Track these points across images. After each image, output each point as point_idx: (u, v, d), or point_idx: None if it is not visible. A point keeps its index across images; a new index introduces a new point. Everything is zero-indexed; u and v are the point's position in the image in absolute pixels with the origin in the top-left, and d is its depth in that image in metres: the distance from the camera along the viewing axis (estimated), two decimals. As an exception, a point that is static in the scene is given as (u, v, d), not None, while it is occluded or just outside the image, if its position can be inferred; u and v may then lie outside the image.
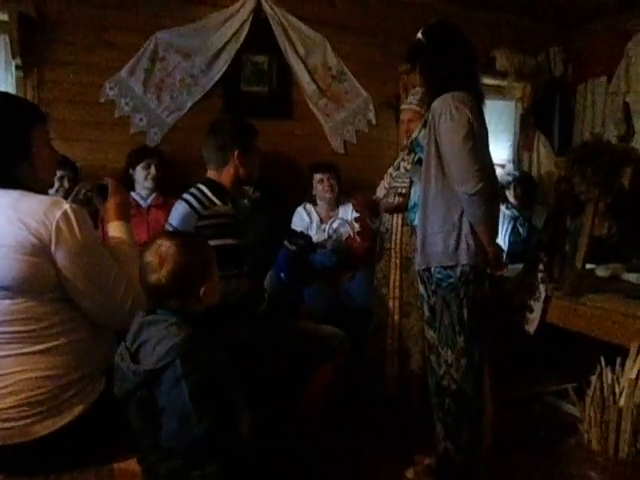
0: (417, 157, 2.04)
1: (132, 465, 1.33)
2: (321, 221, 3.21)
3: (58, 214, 1.27)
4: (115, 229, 1.53)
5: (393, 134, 3.62)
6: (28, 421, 1.26)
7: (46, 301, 1.29)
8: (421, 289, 2.07)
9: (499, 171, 3.74)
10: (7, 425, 1.25)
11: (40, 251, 1.25)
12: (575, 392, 1.80)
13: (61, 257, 1.27)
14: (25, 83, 2.85)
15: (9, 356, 1.27)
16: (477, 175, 1.78)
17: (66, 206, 1.30)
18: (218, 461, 1.21)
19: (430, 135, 1.91)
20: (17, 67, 2.81)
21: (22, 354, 1.28)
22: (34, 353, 1.28)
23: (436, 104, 1.87)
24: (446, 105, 1.82)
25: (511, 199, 3.60)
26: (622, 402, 1.55)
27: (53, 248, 1.26)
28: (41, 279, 1.27)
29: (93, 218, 1.69)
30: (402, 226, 2.62)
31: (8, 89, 2.77)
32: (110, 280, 1.37)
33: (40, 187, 1.40)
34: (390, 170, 2.82)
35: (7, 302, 1.26)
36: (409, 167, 2.55)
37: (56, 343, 1.30)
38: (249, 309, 1.91)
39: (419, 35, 1.97)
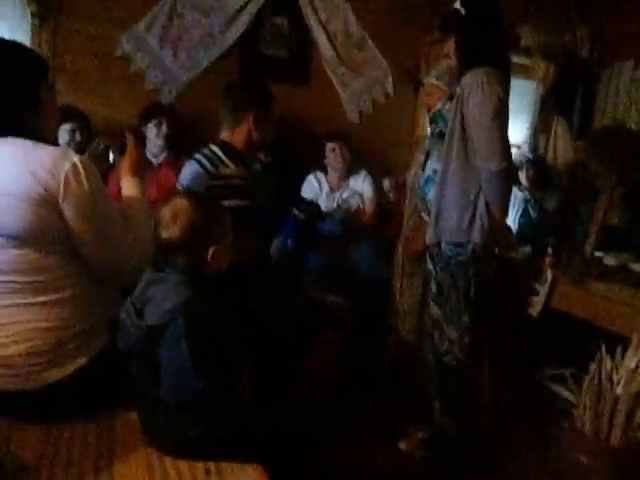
0: (437, 130, 2.00)
1: (132, 418, 1.35)
2: (331, 190, 3.19)
3: (67, 166, 1.26)
4: (128, 185, 1.53)
5: (410, 106, 3.55)
6: (30, 369, 1.28)
7: (52, 253, 1.29)
8: (429, 265, 2.07)
9: (513, 151, 3.69)
10: (10, 372, 1.27)
11: (48, 202, 1.25)
12: (573, 378, 1.81)
13: (69, 209, 1.27)
14: (40, 32, 2.81)
15: (13, 305, 1.28)
16: (503, 153, 1.76)
17: (75, 158, 1.28)
18: (216, 421, 1.23)
19: (457, 109, 1.87)
20: (33, 15, 2.76)
21: (25, 304, 1.28)
22: (38, 304, 1.29)
23: (467, 78, 1.84)
24: (478, 80, 1.79)
25: (523, 181, 3.56)
26: (619, 390, 1.56)
27: (61, 200, 1.26)
28: (48, 230, 1.27)
29: (104, 174, 1.69)
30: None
31: (23, 37, 2.73)
32: (117, 234, 1.37)
33: (48, 137, 1.40)
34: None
35: (14, 251, 1.26)
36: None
37: (60, 295, 1.31)
38: (254, 273, 1.91)
39: (457, 5, 1.91)
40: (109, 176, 2.34)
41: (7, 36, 1.43)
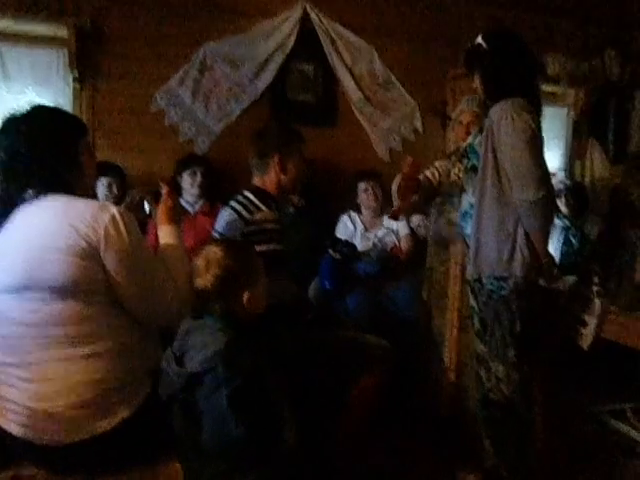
0: (470, 164, 1.99)
1: (175, 468, 1.33)
2: (366, 229, 3.18)
3: (106, 218, 1.30)
4: (165, 232, 1.56)
5: (440, 141, 3.56)
6: (74, 422, 1.28)
7: (94, 304, 1.31)
8: (471, 301, 2.02)
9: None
10: (53, 425, 1.27)
11: (90, 254, 1.27)
12: (634, 413, 1.71)
13: (110, 260, 1.29)
14: (81, 94, 2.96)
15: (57, 359, 1.29)
16: (538, 181, 1.73)
17: (114, 210, 1.32)
18: (260, 468, 1.21)
19: (487, 142, 1.86)
20: (74, 79, 2.93)
21: (70, 357, 1.29)
22: (82, 356, 1.29)
23: (495, 110, 1.82)
24: (506, 111, 1.78)
25: (562, 208, 3.48)
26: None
27: (102, 252, 1.28)
28: (90, 282, 1.29)
29: (142, 224, 1.73)
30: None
31: (65, 100, 2.89)
32: (157, 283, 1.38)
33: (87, 192, 1.48)
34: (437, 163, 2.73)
35: (57, 304, 1.28)
36: (461, 174, 2.49)
37: (104, 347, 1.32)
38: (294, 315, 1.90)
39: (479, 40, 1.93)
40: (147, 226, 2.40)
41: (51, 99, 1.56)
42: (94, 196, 2.66)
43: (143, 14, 3.02)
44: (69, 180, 1.40)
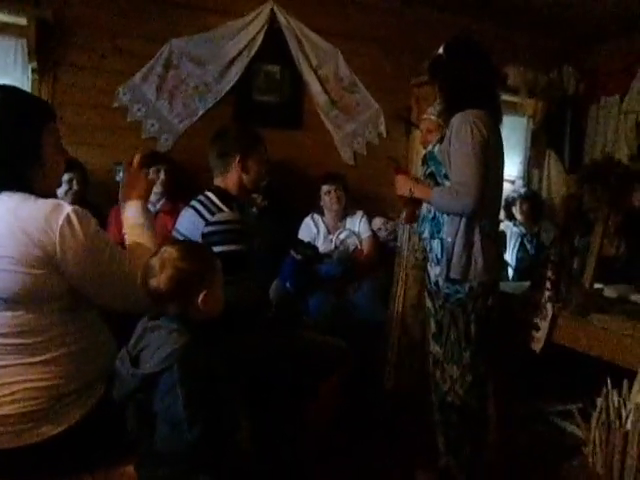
0: (429, 170, 2.03)
1: (129, 471, 1.32)
2: (328, 232, 3.20)
3: (60, 220, 1.22)
4: (128, 211, 1.51)
5: (403, 146, 3.62)
6: (24, 427, 1.24)
7: (48, 312, 1.26)
8: (428, 303, 2.06)
9: (508, 187, 3.73)
10: (5, 429, 1.23)
11: (44, 262, 1.21)
12: (580, 413, 1.77)
13: (69, 264, 1.24)
14: (40, 86, 2.88)
15: (9, 366, 1.24)
16: (474, 196, 1.78)
17: (68, 209, 1.24)
18: (213, 470, 1.20)
19: (446, 150, 1.90)
20: (33, 70, 2.85)
21: (22, 364, 1.25)
22: (34, 364, 1.25)
23: (455, 120, 1.86)
24: (464, 122, 1.82)
25: (517, 216, 3.58)
26: (628, 426, 1.52)
27: (59, 255, 1.22)
28: (44, 290, 1.24)
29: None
30: (408, 241, 2.64)
31: (23, 91, 2.80)
32: (123, 273, 1.34)
33: (48, 189, 1.36)
34: None
35: (7, 314, 1.23)
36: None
37: (57, 353, 1.28)
38: (255, 316, 1.90)
39: (440, 50, 1.97)
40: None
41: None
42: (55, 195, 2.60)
43: (107, 7, 2.96)
44: (27, 174, 1.28)
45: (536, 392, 2.61)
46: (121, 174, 1.61)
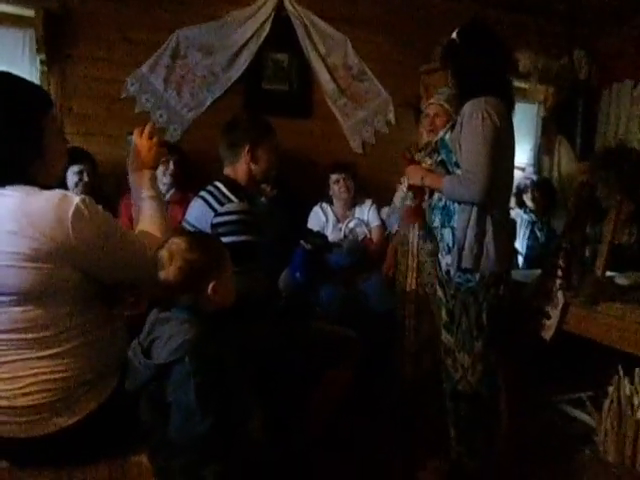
0: (440, 158, 2.01)
1: (144, 460, 1.33)
2: (337, 221, 3.20)
3: (70, 212, 1.20)
4: (137, 181, 1.50)
5: (412, 135, 3.58)
6: (38, 417, 1.25)
7: (58, 306, 1.25)
8: (439, 293, 2.06)
9: (518, 174, 3.70)
10: (19, 419, 1.24)
11: (55, 256, 1.20)
12: (591, 401, 1.77)
13: (86, 252, 1.24)
14: (48, 77, 2.89)
15: (20, 360, 1.24)
16: (484, 185, 1.76)
17: (75, 200, 1.22)
18: (226, 459, 1.22)
19: (457, 138, 1.89)
20: (41, 62, 2.85)
21: (33, 358, 1.25)
22: (46, 357, 1.25)
23: (467, 107, 1.84)
24: (478, 109, 1.79)
25: (529, 203, 3.55)
26: (640, 414, 1.52)
27: (76, 246, 1.21)
28: (54, 285, 1.23)
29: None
30: (419, 229, 2.62)
31: (32, 83, 2.81)
32: (137, 256, 1.34)
33: (51, 179, 1.34)
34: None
35: (17, 309, 1.22)
36: (432, 168, 2.53)
37: (69, 346, 1.28)
38: (265, 307, 1.91)
39: (453, 35, 1.94)
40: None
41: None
42: (60, 185, 2.60)
43: (113, -3, 2.95)
44: (29, 166, 1.26)
45: (547, 380, 2.60)
46: (133, 142, 1.58)
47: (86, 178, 2.71)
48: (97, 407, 1.31)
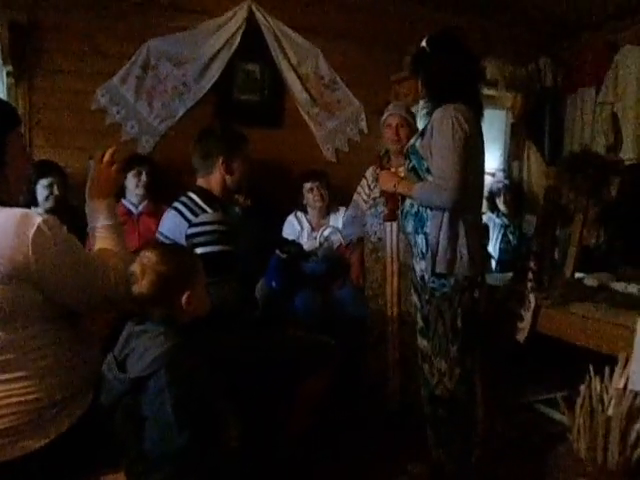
0: (411, 165, 2.04)
1: (121, 478, 1.31)
2: (312, 229, 3.21)
3: (31, 232, 1.18)
4: (94, 209, 1.47)
5: (384, 142, 3.62)
6: (6, 441, 1.21)
7: (22, 327, 1.22)
8: (414, 298, 2.08)
9: (489, 179, 3.77)
10: None
11: (16, 276, 1.17)
12: (564, 401, 1.80)
13: (44, 274, 1.21)
14: (16, 90, 2.84)
15: None
16: (456, 190, 1.79)
17: (37, 220, 1.20)
18: (204, 471, 1.21)
19: (428, 144, 1.91)
20: (8, 74, 2.80)
21: (1, 381, 1.21)
22: (14, 380, 1.22)
23: (437, 114, 1.87)
24: (448, 116, 1.83)
25: (501, 207, 3.62)
26: (610, 411, 1.55)
27: (34, 267, 1.19)
28: (17, 305, 1.20)
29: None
30: (398, 233, 2.63)
31: (0, 95, 2.76)
32: (97, 279, 1.31)
33: (13, 197, 1.31)
34: (369, 177, 2.86)
35: None
36: (402, 175, 2.56)
37: (37, 367, 1.24)
38: (241, 316, 1.90)
39: (423, 44, 1.97)
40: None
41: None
42: (30, 199, 2.54)
43: (82, 8, 2.91)
44: None
45: (523, 382, 2.65)
46: (92, 169, 1.56)
47: (56, 191, 2.66)
48: (70, 426, 1.27)
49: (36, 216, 1.22)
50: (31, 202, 2.58)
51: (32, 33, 2.82)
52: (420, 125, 2.54)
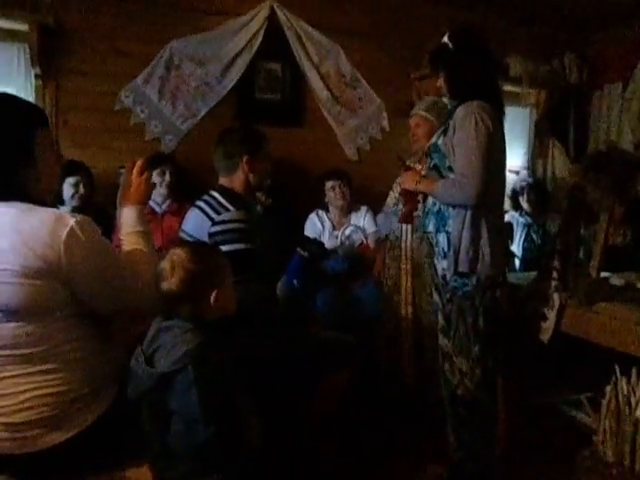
0: (433, 163, 2.02)
1: (144, 471, 1.33)
2: (333, 228, 3.21)
3: (64, 233, 1.21)
4: (125, 216, 1.50)
5: (406, 141, 3.60)
6: (34, 433, 1.24)
7: (51, 321, 1.25)
8: (435, 297, 2.06)
9: (512, 177, 3.72)
10: (17, 435, 1.23)
11: (48, 274, 1.21)
12: (589, 402, 1.78)
13: (75, 275, 1.24)
14: (44, 91, 2.90)
15: (15, 376, 1.24)
16: (478, 187, 1.77)
17: (71, 221, 1.23)
18: (226, 468, 1.22)
19: (450, 142, 1.90)
20: (36, 76, 2.87)
21: (29, 373, 1.24)
22: (42, 372, 1.25)
23: (459, 111, 1.85)
24: (471, 113, 1.80)
25: (525, 205, 3.58)
26: (638, 413, 1.53)
27: (65, 269, 1.22)
28: (46, 301, 1.23)
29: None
30: (412, 232, 2.64)
31: (27, 97, 2.82)
32: (125, 283, 1.35)
33: (44, 195, 1.34)
34: (399, 179, 2.83)
35: (10, 325, 1.22)
36: (424, 172, 2.55)
37: (65, 360, 1.27)
38: (262, 314, 1.92)
39: (445, 39, 1.94)
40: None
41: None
42: (56, 197, 2.60)
43: (106, 10, 2.97)
44: (22, 182, 1.26)
45: (546, 382, 2.61)
46: (123, 177, 1.59)
47: (82, 190, 2.72)
48: (96, 419, 1.30)
49: (70, 218, 1.25)
50: (57, 200, 2.64)
51: (59, 36, 2.88)
52: None
